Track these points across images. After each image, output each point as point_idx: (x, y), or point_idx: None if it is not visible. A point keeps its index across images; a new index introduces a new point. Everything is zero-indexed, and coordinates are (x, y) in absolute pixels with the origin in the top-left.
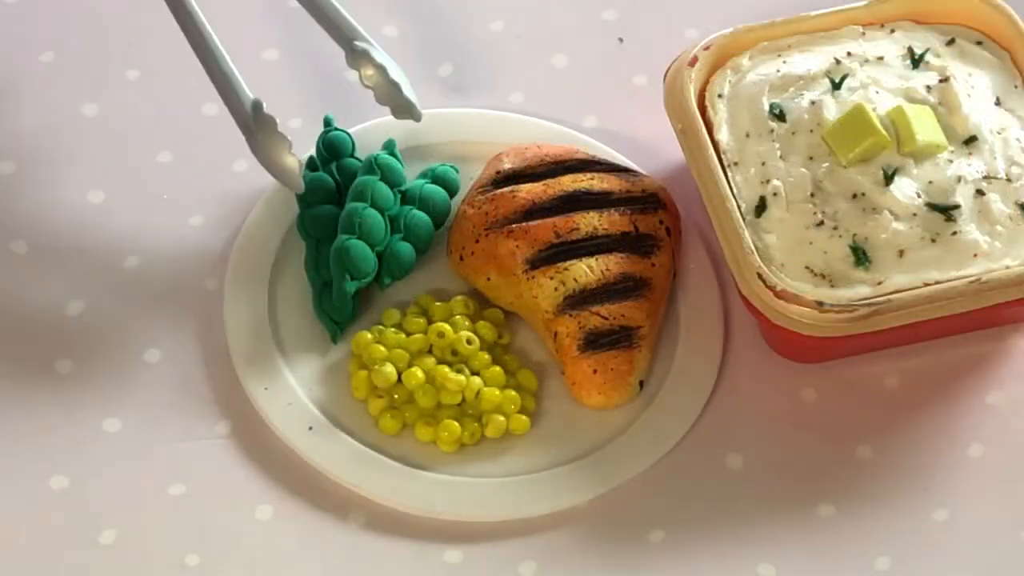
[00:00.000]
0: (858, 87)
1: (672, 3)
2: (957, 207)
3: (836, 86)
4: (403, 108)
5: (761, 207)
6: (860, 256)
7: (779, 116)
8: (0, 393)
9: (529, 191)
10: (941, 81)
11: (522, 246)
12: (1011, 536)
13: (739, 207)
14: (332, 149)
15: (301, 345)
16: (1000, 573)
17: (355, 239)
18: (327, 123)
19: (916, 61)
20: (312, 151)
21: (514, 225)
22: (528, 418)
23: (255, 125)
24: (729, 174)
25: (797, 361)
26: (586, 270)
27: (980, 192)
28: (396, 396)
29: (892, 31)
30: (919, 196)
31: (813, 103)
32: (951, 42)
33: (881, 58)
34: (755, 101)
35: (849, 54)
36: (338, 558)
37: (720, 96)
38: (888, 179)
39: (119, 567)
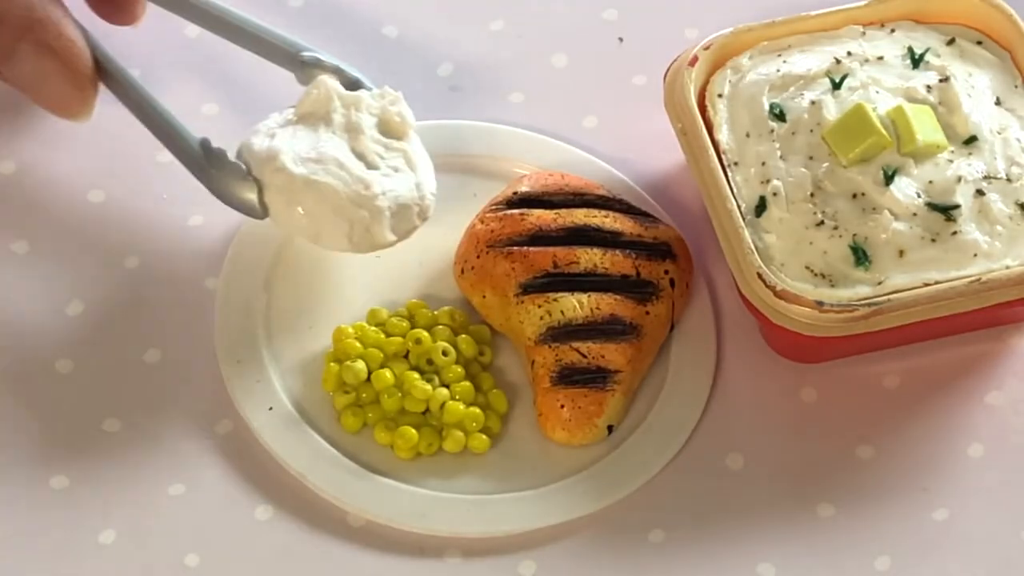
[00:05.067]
0: (858, 87)
1: (672, 3)
2: (957, 207)
3: (836, 86)
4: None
5: (761, 207)
6: (860, 256)
7: (779, 116)
8: None
9: (539, 217)
10: (941, 81)
11: (518, 269)
12: (1012, 536)
13: (739, 207)
14: None
15: (290, 333)
16: (1001, 573)
17: None
18: None
19: (916, 61)
20: None
21: (515, 248)
22: (489, 439)
23: (207, 162)
24: (729, 174)
25: (797, 361)
26: (575, 304)
27: (980, 192)
28: (363, 395)
29: (892, 31)
30: (919, 196)
31: (813, 103)
32: (951, 42)
33: (881, 58)
34: (755, 101)
35: (849, 54)
36: (338, 559)
37: (720, 96)
38: (888, 179)
39: (119, 567)
